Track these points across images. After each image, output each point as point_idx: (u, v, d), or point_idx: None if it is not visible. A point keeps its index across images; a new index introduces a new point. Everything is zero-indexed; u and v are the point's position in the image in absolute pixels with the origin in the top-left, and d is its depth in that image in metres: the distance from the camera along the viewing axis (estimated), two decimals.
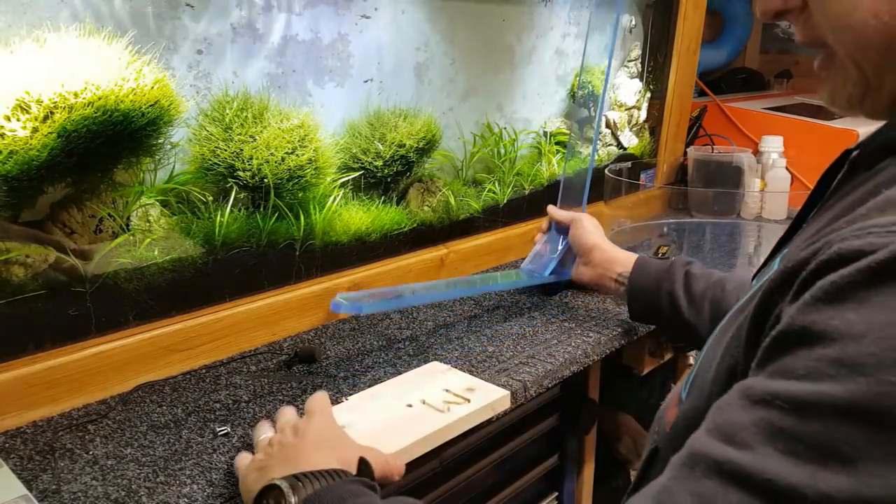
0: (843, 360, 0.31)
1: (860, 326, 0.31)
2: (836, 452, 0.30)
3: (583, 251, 1.01)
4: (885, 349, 0.30)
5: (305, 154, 0.97)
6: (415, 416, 0.74)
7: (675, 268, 0.90)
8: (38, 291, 0.78)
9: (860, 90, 0.43)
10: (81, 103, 0.74)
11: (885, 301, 0.31)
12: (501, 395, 0.79)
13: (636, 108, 1.68)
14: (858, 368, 0.30)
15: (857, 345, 0.31)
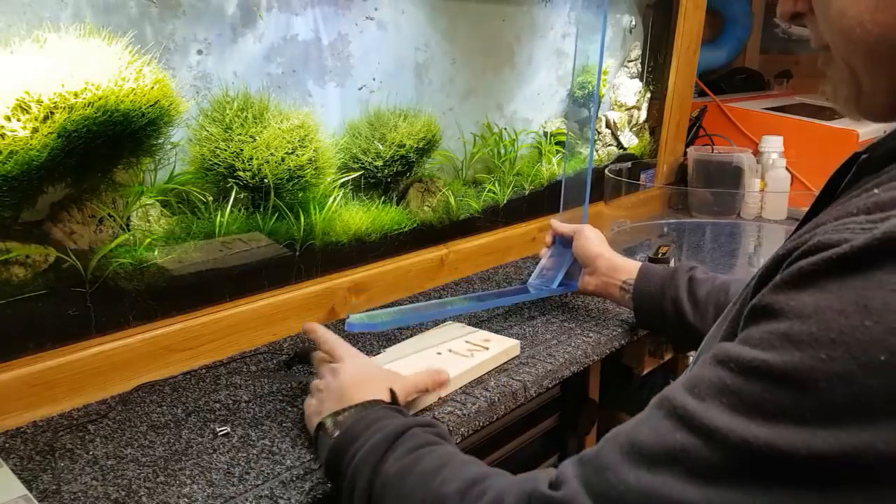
0: (788, 335, 0.36)
1: (810, 308, 0.35)
2: (764, 409, 0.35)
3: (587, 261, 1.01)
4: (823, 330, 0.34)
5: (305, 154, 0.97)
6: (445, 361, 0.87)
7: (678, 273, 0.91)
8: (38, 291, 0.78)
9: (854, 91, 0.46)
10: (81, 103, 0.74)
11: (839, 289, 0.35)
12: (513, 344, 0.93)
13: (636, 108, 1.68)
14: (797, 343, 0.35)
15: (803, 324, 0.35)
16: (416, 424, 0.60)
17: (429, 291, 1.20)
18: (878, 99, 0.45)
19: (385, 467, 0.56)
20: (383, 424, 0.60)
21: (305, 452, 0.71)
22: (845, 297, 0.34)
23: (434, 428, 0.61)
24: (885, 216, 0.35)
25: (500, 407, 0.83)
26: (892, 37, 0.42)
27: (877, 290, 0.33)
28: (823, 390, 0.33)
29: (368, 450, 0.58)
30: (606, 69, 1.57)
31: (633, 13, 1.65)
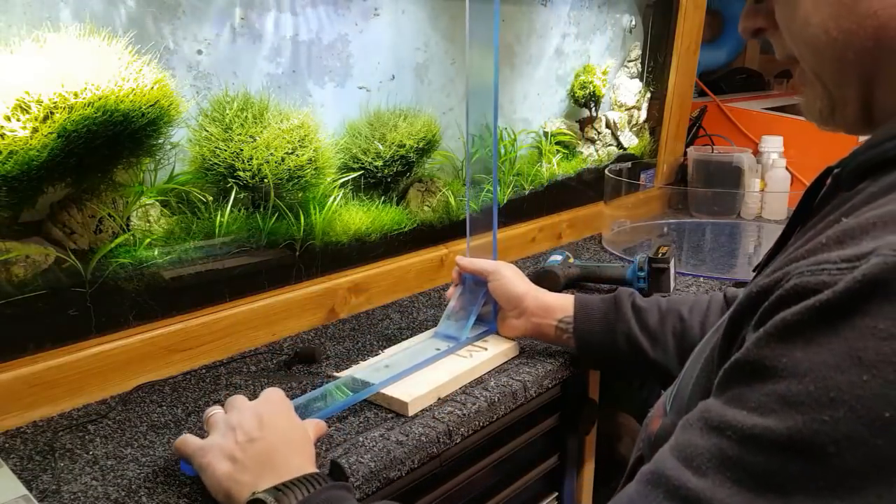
0: (785, 397, 0.33)
1: (804, 366, 0.33)
2: (774, 483, 0.33)
3: (511, 303, 0.89)
4: (822, 388, 0.32)
5: (305, 154, 0.97)
6: (444, 361, 0.87)
7: (621, 304, 0.84)
8: (38, 291, 0.78)
9: (828, 104, 0.46)
10: (81, 103, 0.74)
11: (829, 343, 0.33)
12: (512, 345, 0.92)
13: (636, 108, 1.68)
14: (797, 406, 0.33)
15: (799, 383, 0.33)
16: None
17: (429, 291, 1.20)
18: (850, 109, 0.45)
19: None
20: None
21: None
22: (838, 351, 0.33)
23: None
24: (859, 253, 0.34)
25: (500, 407, 0.83)
26: (857, 43, 0.42)
27: (867, 339, 0.32)
28: (832, 455, 0.32)
29: None
30: (606, 69, 1.57)
31: (633, 13, 1.65)
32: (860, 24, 0.41)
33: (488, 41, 0.80)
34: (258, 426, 0.61)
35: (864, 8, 0.41)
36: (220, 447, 0.61)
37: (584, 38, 1.53)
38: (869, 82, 0.43)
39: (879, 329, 0.32)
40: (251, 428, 0.61)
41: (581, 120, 1.58)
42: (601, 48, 1.58)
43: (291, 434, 0.62)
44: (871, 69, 0.42)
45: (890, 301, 0.32)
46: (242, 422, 0.62)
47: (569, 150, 1.54)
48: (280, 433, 0.61)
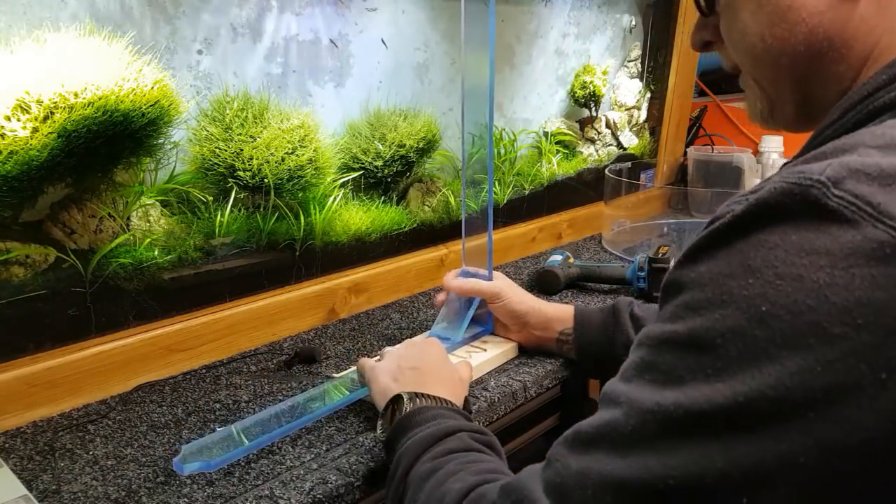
0: (689, 304, 0.39)
1: (706, 277, 0.39)
2: (675, 376, 0.38)
3: (515, 321, 0.91)
4: (717, 293, 0.38)
5: (305, 154, 0.97)
6: None
7: (620, 315, 0.85)
8: (38, 291, 0.78)
9: (767, 105, 0.51)
10: (81, 103, 0.74)
11: (726, 255, 0.38)
12: (511, 345, 0.93)
13: (636, 108, 1.68)
14: (697, 310, 0.38)
15: (701, 291, 0.39)
16: (466, 429, 0.61)
17: (429, 291, 1.20)
18: (788, 108, 0.50)
19: (421, 461, 0.58)
20: (442, 422, 0.62)
21: (305, 452, 0.71)
22: (732, 261, 0.38)
23: (483, 435, 0.61)
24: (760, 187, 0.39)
25: (500, 407, 0.83)
26: (789, 48, 0.47)
27: (757, 249, 0.37)
28: (720, 346, 0.37)
29: (418, 440, 0.60)
30: (607, 69, 1.57)
31: (633, 13, 1.65)
32: (791, 31, 0.46)
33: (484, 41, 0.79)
34: (419, 359, 0.74)
35: (794, 17, 0.46)
36: (387, 369, 0.74)
37: (585, 38, 1.53)
38: (803, 82, 0.48)
39: (765, 241, 0.37)
40: (414, 359, 0.74)
41: (581, 120, 1.58)
42: (601, 48, 1.58)
43: (444, 372, 0.74)
44: (803, 70, 0.47)
45: (775, 219, 0.37)
46: (407, 355, 0.76)
47: (569, 150, 1.54)
48: (435, 369, 0.73)
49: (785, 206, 0.37)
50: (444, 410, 0.65)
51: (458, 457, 0.57)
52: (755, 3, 0.47)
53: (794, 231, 0.36)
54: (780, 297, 0.35)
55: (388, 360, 0.76)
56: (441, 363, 0.76)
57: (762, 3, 0.47)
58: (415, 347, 0.78)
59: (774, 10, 0.46)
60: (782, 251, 0.36)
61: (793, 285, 0.35)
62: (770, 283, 0.36)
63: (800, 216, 0.36)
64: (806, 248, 0.35)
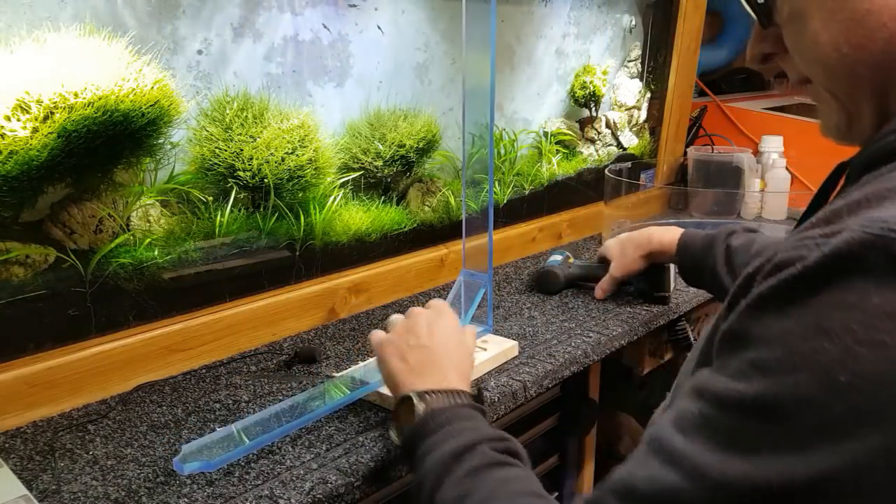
0: (755, 363, 0.36)
1: (775, 334, 0.36)
2: (742, 442, 0.35)
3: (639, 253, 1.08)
4: (788, 354, 0.35)
5: (305, 154, 0.98)
6: None
7: (716, 244, 0.94)
8: (39, 291, 0.78)
9: (844, 119, 0.47)
10: (81, 103, 0.74)
11: (798, 313, 0.35)
12: (511, 345, 0.92)
13: (636, 108, 1.68)
14: (765, 371, 0.35)
15: (770, 350, 0.36)
16: (485, 439, 0.57)
17: (429, 291, 1.20)
18: (866, 122, 0.46)
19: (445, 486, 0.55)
20: (458, 430, 0.59)
21: (305, 452, 0.71)
22: (805, 321, 0.34)
23: (503, 443, 0.58)
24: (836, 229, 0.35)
25: (500, 407, 0.83)
26: (868, 57, 0.42)
27: (832, 310, 0.34)
28: (791, 415, 0.34)
29: (437, 459, 0.57)
30: (606, 69, 1.57)
31: (633, 13, 1.65)
32: (870, 37, 0.42)
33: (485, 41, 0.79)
34: (428, 334, 0.70)
35: (873, 22, 0.41)
36: (395, 345, 0.71)
37: (585, 38, 1.53)
38: (882, 93, 0.44)
39: (843, 301, 0.33)
40: (422, 335, 0.71)
41: (581, 120, 1.58)
42: (601, 48, 1.58)
43: (454, 350, 0.70)
44: (883, 80, 0.43)
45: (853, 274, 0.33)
46: (415, 327, 0.72)
47: (569, 150, 1.54)
48: (444, 346, 0.70)
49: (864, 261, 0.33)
50: (458, 410, 0.62)
51: (484, 478, 0.53)
52: (826, 10, 0.43)
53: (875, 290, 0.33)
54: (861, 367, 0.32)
55: (395, 333, 0.73)
56: (450, 338, 0.72)
57: (835, 9, 0.43)
58: (423, 318, 0.73)
59: (850, 15, 0.42)
60: (861, 313, 0.33)
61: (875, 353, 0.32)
62: (848, 349, 0.32)
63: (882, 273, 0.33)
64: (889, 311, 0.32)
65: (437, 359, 0.68)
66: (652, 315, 1.07)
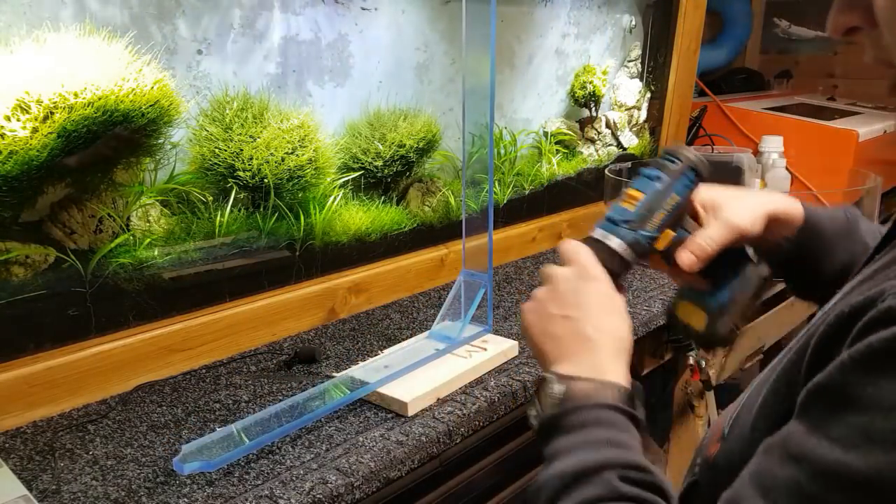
0: (868, 432, 0.31)
1: (891, 397, 0.31)
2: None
3: None
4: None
5: (305, 154, 0.98)
6: (443, 361, 0.87)
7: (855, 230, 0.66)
8: (38, 291, 0.78)
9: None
10: (81, 103, 0.74)
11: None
12: (511, 345, 0.92)
13: (636, 108, 1.68)
14: (881, 443, 0.31)
15: (885, 418, 0.31)
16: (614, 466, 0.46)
17: (429, 291, 1.20)
18: None
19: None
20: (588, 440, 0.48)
21: (305, 452, 0.71)
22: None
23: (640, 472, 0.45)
24: None
25: (500, 407, 0.83)
26: None
27: None
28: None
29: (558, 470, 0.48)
30: (606, 69, 1.57)
31: (632, 13, 1.65)
32: None
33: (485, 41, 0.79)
34: (574, 302, 0.55)
35: None
36: (538, 314, 0.57)
37: (584, 38, 1.53)
38: None
39: None
40: (567, 302, 0.55)
41: (581, 120, 1.58)
42: (601, 48, 1.58)
43: (607, 323, 0.54)
44: None
45: None
46: (559, 295, 0.56)
47: (569, 150, 1.54)
48: (596, 318, 0.54)
49: None
50: (596, 412, 0.49)
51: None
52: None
53: None
54: None
55: (536, 300, 0.58)
56: (602, 306, 0.55)
57: None
58: (566, 282, 0.57)
59: None
60: None
61: None
62: None
63: None
64: None
65: (586, 336, 0.54)
66: (652, 315, 1.07)
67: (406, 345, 0.94)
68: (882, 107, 2.15)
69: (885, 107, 2.15)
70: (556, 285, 0.57)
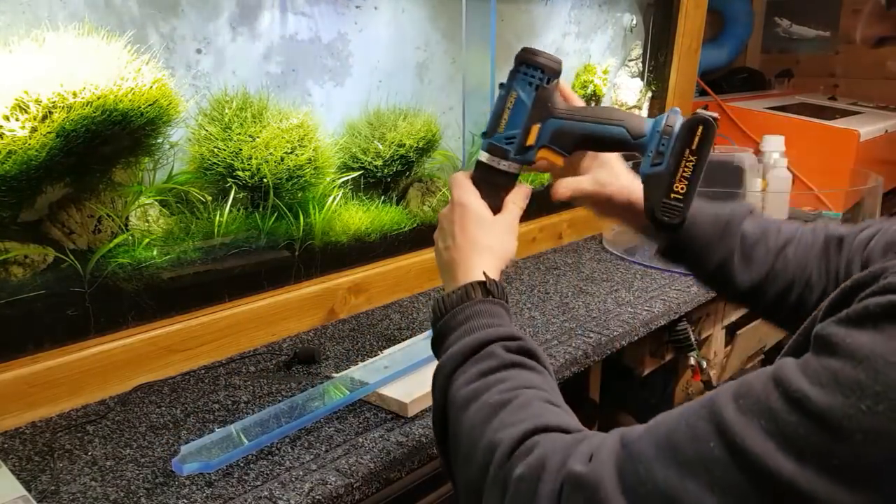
0: (836, 376, 0.35)
1: (864, 351, 0.35)
2: (796, 444, 0.35)
3: None
4: (871, 379, 0.34)
5: (305, 154, 0.97)
6: None
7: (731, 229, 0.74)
8: (37, 292, 0.78)
9: None
10: (80, 103, 0.74)
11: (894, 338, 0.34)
12: None
13: (637, 107, 1.67)
14: (843, 387, 0.34)
15: (853, 368, 0.35)
16: (497, 339, 0.55)
17: (429, 291, 1.20)
18: None
19: (455, 386, 0.54)
20: (470, 328, 0.57)
21: (304, 453, 0.71)
22: None
23: (516, 342, 0.55)
24: None
25: None
26: None
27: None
28: (858, 444, 0.33)
29: (449, 357, 0.55)
30: (607, 68, 1.57)
31: (633, 12, 1.64)
32: None
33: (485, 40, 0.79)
34: (450, 234, 0.66)
35: None
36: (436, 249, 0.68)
37: (585, 37, 1.52)
38: None
39: None
40: (446, 237, 0.66)
41: None
42: (602, 47, 1.58)
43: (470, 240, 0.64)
44: None
45: None
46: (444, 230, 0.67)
47: None
48: (461, 241, 0.64)
49: None
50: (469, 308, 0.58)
51: (495, 382, 0.51)
52: None
53: None
54: None
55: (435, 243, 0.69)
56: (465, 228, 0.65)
57: None
58: (446, 219, 0.68)
59: None
60: None
61: None
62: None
63: None
64: None
65: (457, 258, 0.64)
66: (653, 315, 1.06)
67: (406, 345, 0.93)
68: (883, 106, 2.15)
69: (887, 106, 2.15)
70: (441, 222, 0.68)
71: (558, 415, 0.49)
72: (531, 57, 0.63)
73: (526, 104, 0.63)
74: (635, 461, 0.40)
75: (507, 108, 0.64)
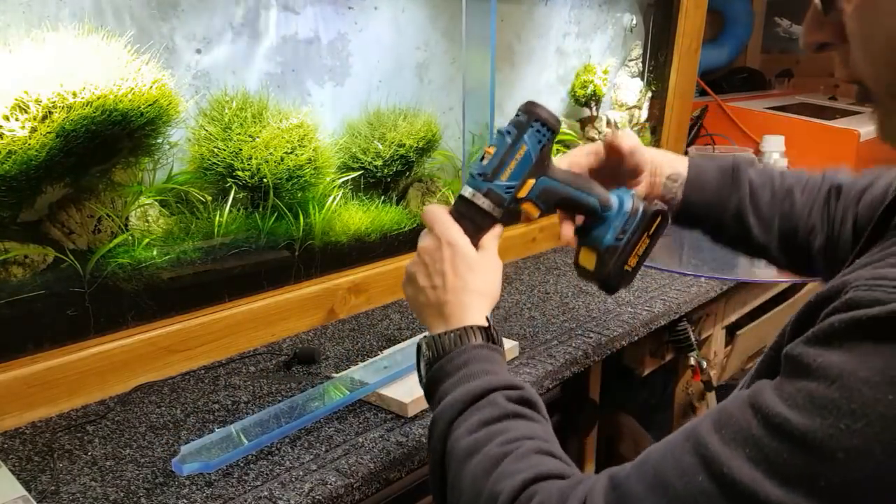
0: (812, 397, 0.36)
1: (836, 370, 0.35)
2: (781, 470, 0.35)
3: None
4: (846, 397, 0.34)
5: (304, 154, 0.97)
6: None
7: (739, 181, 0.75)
8: (37, 292, 0.78)
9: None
10: (80, 103, 0.74)
11: (865, 355, 0.34)
12: (511, 345, 0.91)
13: (637, 107, 1.67)
14: (820, 408, 0.35)
15: (827, 387, 0.35)
16: (499, 387, 0.54)
17: None
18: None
19: (456, 435, 0.53)
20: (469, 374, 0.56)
21: (304, 453, 0.71)
22: (872, 365, 0.34)
23: (517, 391, 0.55)
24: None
25: None
26: None
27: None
28: (840, 462, 0.33)
29: (449, 404, 0.55)
30: (607, 68, 1.57)
31: (633, 12, 1.64)
32: None
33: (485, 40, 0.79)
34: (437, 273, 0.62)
35: None
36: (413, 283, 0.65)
37: (585, 37, 1.52)
38: None
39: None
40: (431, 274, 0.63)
41: (582, 119, 1.57)
42: (602, 47, 1.58)
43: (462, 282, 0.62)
44: None
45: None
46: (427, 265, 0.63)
47: (569, 149, 1.54)
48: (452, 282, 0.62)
49: None
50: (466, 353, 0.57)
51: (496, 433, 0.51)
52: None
53: None
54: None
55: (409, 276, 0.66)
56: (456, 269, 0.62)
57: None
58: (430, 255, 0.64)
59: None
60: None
61: None
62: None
63: None
64: None
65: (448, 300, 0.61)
66: (653, 315, 1.06)
67: (406, 345, 0.93)
68: None
69: None
70: (422, 258, 0.64)
71: (557, 465, 0.50)
72: (542, 114, 0.64)
73: (531, 159, 0.65)
74: (626, 501, 0.41)
75: (515, 160, 0.65)
